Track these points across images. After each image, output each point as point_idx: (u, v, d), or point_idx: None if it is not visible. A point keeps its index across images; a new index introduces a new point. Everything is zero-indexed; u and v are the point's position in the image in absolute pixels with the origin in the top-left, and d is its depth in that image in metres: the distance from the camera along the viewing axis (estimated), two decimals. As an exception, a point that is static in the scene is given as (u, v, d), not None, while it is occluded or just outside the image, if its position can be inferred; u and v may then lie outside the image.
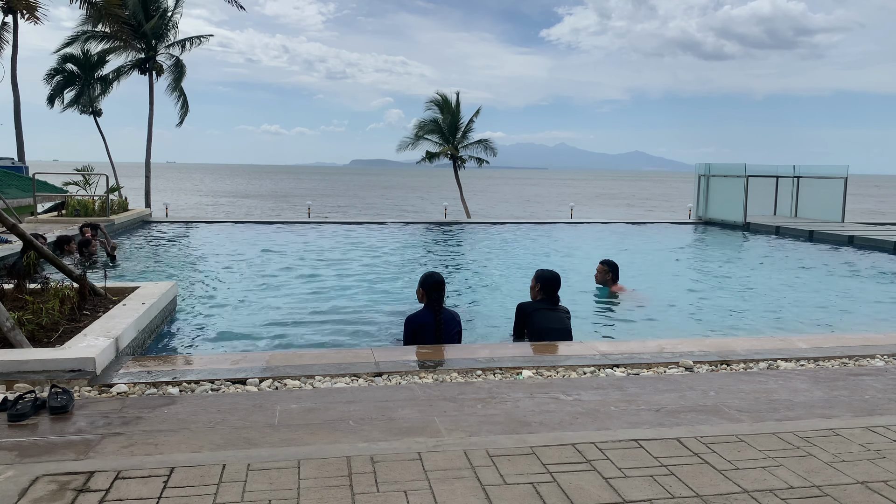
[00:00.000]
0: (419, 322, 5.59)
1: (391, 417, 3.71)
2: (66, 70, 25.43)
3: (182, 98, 26.50)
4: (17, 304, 5.39)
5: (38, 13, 18.60)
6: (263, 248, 13.63)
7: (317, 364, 4.72)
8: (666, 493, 2.84)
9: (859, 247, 14.86)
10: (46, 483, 2.83)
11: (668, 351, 5.22)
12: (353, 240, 15.27)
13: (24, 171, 22.77)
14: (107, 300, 6.00)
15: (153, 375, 4.41)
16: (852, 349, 5.33)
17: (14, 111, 26.39)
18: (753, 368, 4.88)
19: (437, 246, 15.01)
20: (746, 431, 3.56)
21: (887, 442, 3.45)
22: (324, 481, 2.89)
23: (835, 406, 4.03)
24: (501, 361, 4.86)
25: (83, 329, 4.97)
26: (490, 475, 2.98)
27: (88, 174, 18.21)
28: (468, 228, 18.48)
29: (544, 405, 3.95)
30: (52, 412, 3.65)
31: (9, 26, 25.51)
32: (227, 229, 17.12)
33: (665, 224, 21.31)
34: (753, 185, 19.96)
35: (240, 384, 4.35)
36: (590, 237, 16.96)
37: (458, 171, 28.87)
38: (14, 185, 18.23)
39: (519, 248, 14.74)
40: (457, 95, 28.75)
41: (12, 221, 5.90)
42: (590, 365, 4.82)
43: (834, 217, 19.68)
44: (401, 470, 3.02)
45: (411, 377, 4.53)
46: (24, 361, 4.22)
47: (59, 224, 14.03)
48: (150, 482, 2.85)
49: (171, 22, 25.21)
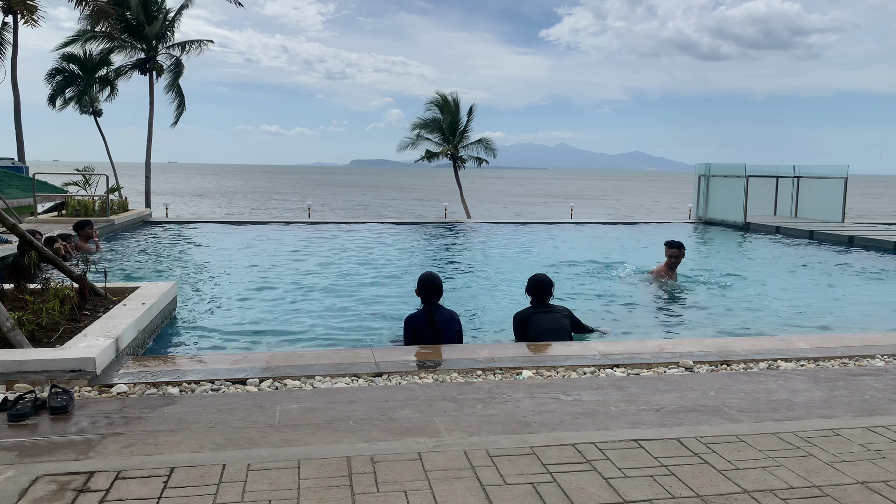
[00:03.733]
0: (418, 322, 5.60)
1: (391, 417, 3.71)
2: (67, 70, 25.43)
3: (179, 97, 26.47)
4: (17, 304, 5.40)
5: (36, 16, 18.60)
6: (263, 247, 13.64)
7: (317, 364, 4.73)
8: (666, 493, 2.84)
9: (859, 247, 14.86)
10: (46, 483, 2.83)
11: (668, 351, 5.22)
12: (354, 240, 15.27)
13: (24, 171, 22.78)
14: (107, 300, 6.01)
15: (153, 375, 4.41)
16: (852, 349, 5.33)
17: (14, 111, 26.41)
18: (753, 368, 4.88)
19: (437, 246, 15.00)
20: (746, 431, 3.56)
21: (887, 442, 3.45)
22: (324, 481, 2.89)
23: (835, 406, 4.03)
24: (501, 361, 4.86)
25: (83, 329, 4.97)
26: (490, 475, 2.98)
27: (88, 174, 18.21)
28: (468, 228, 18.47)
29: (544, 405, 3.95)
30: (52, 412, 3.65)
31: (9, 26, 25.55)
32: (228, 229, 17.12)
33: (665, 224, 21.32)
34: (753, 186, 19.96)
35: (240, 384, 4.35)
36: (590, 237, 16.95)
37: (458, 170, 28.88)
38: (14, 185, 18.24)
39: (519, 248, 14.74)
40: (457, 95, 28.79)
41: (12, 221, 5.90)
42: (590, 365, 4.82)
43: (834, 217, 19.68)
44: (401, 470, 3.02)
45: (411, 377, 4.53)
46: (24, 361, 4.22)
47: (59, 224, 14.03)
48: (150, 482, 2.85)
49: (173, 23, 25.20)
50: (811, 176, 21.05)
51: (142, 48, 24.91)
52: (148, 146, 25.54)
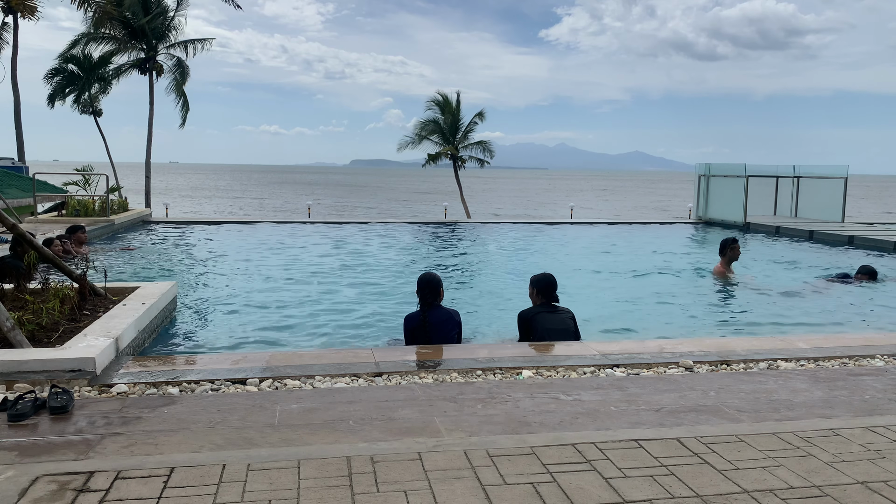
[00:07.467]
0: (413, 322, 5.60)
1: (391, 417, 3.70)
2: (67, 70, 25.43)
3: (182, 98, 26.48)
4: (17, 304, 5.39)
5: (35, 15, 18.65)
6: (263, 247, 13.63)
7: (317, 364, 4.72)
8: (666, 493, 2.84)
9: (859, 247, 14.86)
10: (46, 483, 2.83)
11: (668, 351, 5.22)
12: (354, 239, 15.26)
13: (24, 171, 22.78)
14: (107, 300, 6.01)
15: (153, 375, 4.41)
16: (852, 349, 5.33)
17: (14, 111, 26.42)
18: (753, 368, 4.88)
19: (437, 246, 15.00)
20: (746, 431, 3.56)
21: (887, 442, 3.45)
22: (324, 481, 2.89)
23: (835, 406, 4.03)
24: (501, 361, 4.86)
25: (83, 329, 4.97)
26: (490, 475, 2.98)
27: (88, 174, 18.21)
28: (468, 228, 18.47)
29: (544, 405, 3.95)
30: (52, 412, 3.65)
31: (9, 26, 25.55)
32: (228, 229, 17.11)
33: (665, 224, 21.31)
34: (753, 186, 19.95)
35: (240, 384, 4.35)
36: (590, 237, 16.95)
37: (458, 171, 28.88)
38: (14, 185, 18.24)
39: (519, 248, 14.74)
40: (457, 95, 28.78)
41: (12, 221, 5.90)
42: (590, 365, 4.81)
43: (834, 217, 19.67)
44: (401, 470, 3.01)
45: (411, 377, 4.53)
46: (24, 361, 4.22)
47: (59, 224, 14.03)
48: (150, 482, 2.85)
49: (173, 23, 25.18)
50: (811, 176, 21.04)
51: (142, 48, 24.91)
52: (148, 146, 25.54)
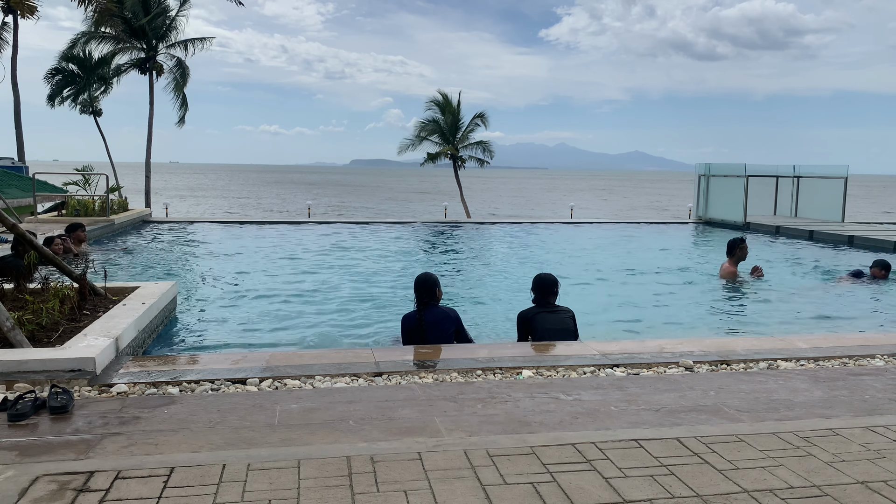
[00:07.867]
0: (409, 322, 5.61)
1: (391, 417, 3.70)
2: (67, 70, 25.42)
3: (182, 98, 26.47)
4: (17, 304, 5.39)
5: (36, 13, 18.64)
6: (263, 247, 13.63)
7: (317, 364, 4.72)
8: (666, 492, 2.84)
9: (859, 247, 14.86)
10: (46, 483, 2.83)
11: (668, 351, 5.22)
12: (353, 239, 15.27)
13: (24, 171, 22.78)
14: (107, 300, 6.00)
15: (153, 375, 4.40)
16: (852, 349, 5.33)
17: (14, 111, 26.41)
18: (753, 368, 4.88)
19: (437, 246, 15.00)
20: (746, 431, 3.56)
21: (887, 442, 3.45)
22: (324, 481, 2.89)
23: (835, 406, 4.03)
24: (501, 361, 4.86)
25: (83, 329, 4.97)
26: (490, 475, 2.98)
27: (88, 174, 18.20)
28: (468, 228, 18.47)
29: (544, 405, 3.95)
30: (52, 412, 3.65)
31: (9, 26, 25.54)
32: (227, 229, 17.12)
33: (665, 224, 21.31)
34: (753, 185, 19.95)
35: (240, 384, 4.35)
36: (590, 237, 16.95)
37: (458, 171, 28.87)
38: (14, 185, 18.24)
39: (519, 248, 14.73)
40: (458, 95, 28.78)
41: (12, 221, 5.90)
42: (590, 365, 4.81)
43: (834, 217, 19.67)
44: (401, 470, 3.01)
45: (411, 377, 4.53)
46: (24, 361, 4.22)
47: (59, 224, 14.03)
48: (150, 482, 2.85)
49: (173, 23, 25.17)
50: (811, 176, 21.04)
51: (142, 48, 24.90)
52: (148, 146, 25.53)
